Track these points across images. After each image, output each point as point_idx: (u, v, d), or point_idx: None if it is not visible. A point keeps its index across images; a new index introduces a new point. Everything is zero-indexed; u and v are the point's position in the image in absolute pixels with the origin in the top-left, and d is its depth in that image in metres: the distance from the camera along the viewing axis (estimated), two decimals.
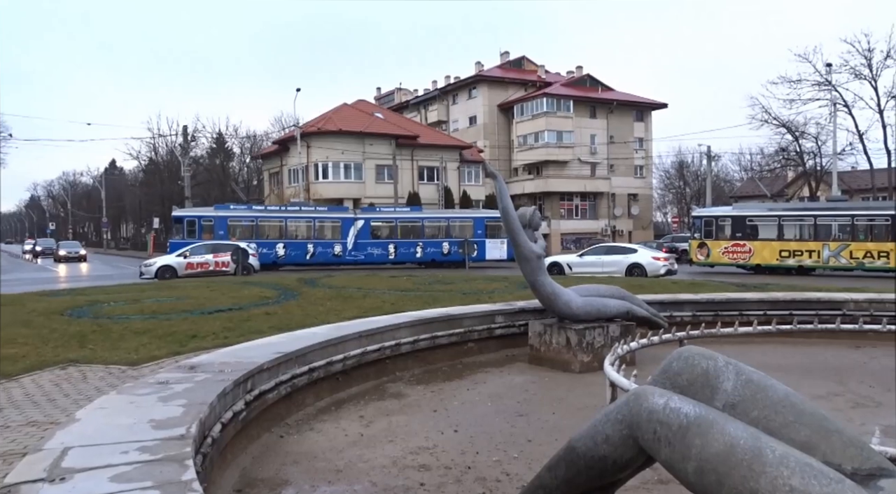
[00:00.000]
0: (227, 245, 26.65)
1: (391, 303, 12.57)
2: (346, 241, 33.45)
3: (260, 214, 33.35)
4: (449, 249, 35.11)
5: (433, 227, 35.95)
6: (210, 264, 24.87)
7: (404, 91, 72.26)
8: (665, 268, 24.16)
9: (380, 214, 35.87)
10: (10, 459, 4.29)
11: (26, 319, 10.75)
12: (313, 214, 34.34)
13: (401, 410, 5.60)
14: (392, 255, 34.14)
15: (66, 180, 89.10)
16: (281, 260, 32.25)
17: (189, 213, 32.95)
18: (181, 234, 31.48)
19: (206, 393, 4.17)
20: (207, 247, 26.05)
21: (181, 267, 24.47)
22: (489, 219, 36.94)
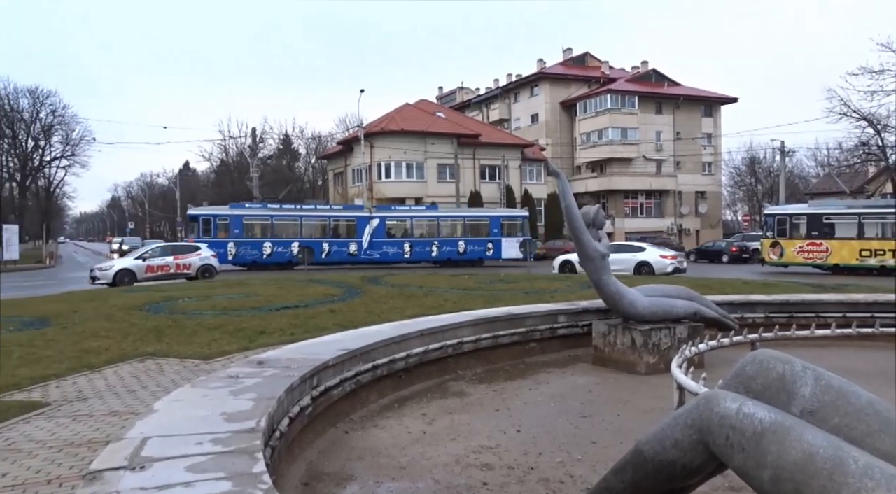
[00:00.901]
0: (188, 246, 25.52)
1: (453, 302, 12.61)
2: (362, 240, 33.20)
3: (275, 213, 32.97)
4: (465, 248, 34.75)
5: (449, 226, 35.70)
6: (170, 267, 23.16)
7: (466, 90, 72.36)
8: (672, 267, 24.03)
9: (395, 213, 35.76)
10: (94, 446, 4.52)
11: (108, 314, 11.31)
12: (328, 213, 34.36)
13: (463, 409, 5.61)
14: (407, 254, 33.86)
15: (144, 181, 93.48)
16: (296, 258, 31.99)
17: (205, 212, 32.62)
18: (196, 233, 31.22)
19: (275, 387, 4.29)
20: (167, 249, 24.55)
21: (140, 271, 22.49)
22: (505, 218, 36.67)
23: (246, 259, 31.26)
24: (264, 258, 31.36)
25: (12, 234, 37.61)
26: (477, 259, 34.91)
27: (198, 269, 23.35)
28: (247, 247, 31.38)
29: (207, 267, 23.83)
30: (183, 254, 23.86)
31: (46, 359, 7.72)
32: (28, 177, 61.59)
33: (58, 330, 9.87)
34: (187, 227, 33.29)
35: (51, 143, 62.74)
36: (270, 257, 31.52)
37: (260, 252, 31.42)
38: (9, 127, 59.01)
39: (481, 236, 35.41)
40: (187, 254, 23.94)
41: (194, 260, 23.66)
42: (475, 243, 34.99)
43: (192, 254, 24.02)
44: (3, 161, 60.64)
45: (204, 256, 24.19)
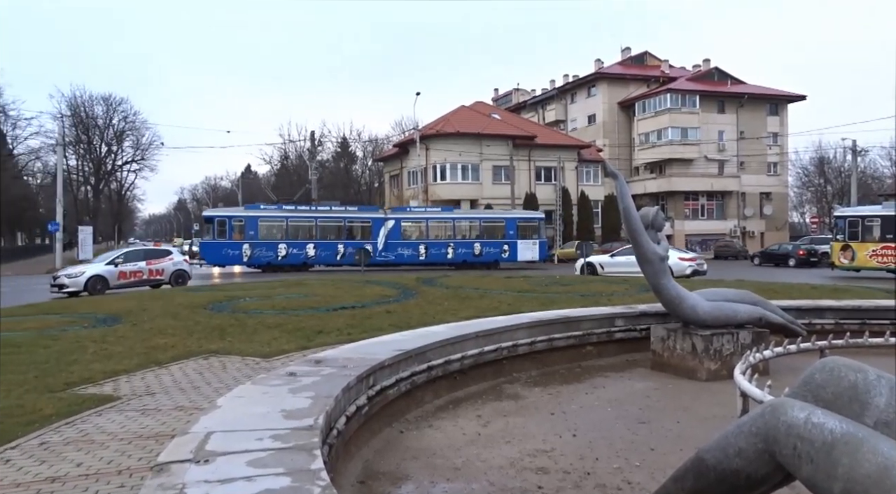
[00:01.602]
0: (160, 250, 24.09)
1: (508, 304, 12.57)
2: (377, 242, 32.99)
3: (290, 214, 32.79)
4: (481, 250, 34.42)
5: (464, 228, 35.40)
6: (143, 273, 21.46)
7: (522, 91, 72.01)
8: (691, 269, 23.98)
9: (410, 214, 35.43)
10: (161, 440, 4.69)
11: (174, 312, 11.74)
12: (343, 214, 34.02)
13: (518, 411, 5.58)
14: (423, 256, 33.60)
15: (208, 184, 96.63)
16: (311, 260, 32.06)
17: (220, 213, 32.51)
18: (211, 235, 31.23)
19: (332, 386, 4.36)
20: (139, 253, 22.88)
21: (113, 277, 20.76)
22: (521, 220, 36.20)
23: (261, 260, 31.17)
24: (279, 259, 31.24)
25: (87, 235, 39.46)
26: (493, 261, 34.59)
27: (171, 275, 21.94)
28: (262, 248, 31.21)
29: (180, 273, 22.30)
30: (155, 259, 22.14)
31: (117, 355, 8.07)
32: (101, 180, 64.56)
33: (128, 327, 10.31)
34: (203, 228, 33.33)
35: (122, 148, 65.74)
36: (285, 258, 31.37)
37: (275, 253, 31.25)
38: (84, 133, 62.05)
39: (497, 238, 35.15)
40: (160, 259, 22.29)
41: (167, 266, 22.08)
42: (491, 245, 34.70)
43: (164, 259, 22.39)
44: (79, 165, 63.82)
45: (176, 261, 22.76)
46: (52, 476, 4.04)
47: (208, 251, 31.30)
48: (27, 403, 5.81)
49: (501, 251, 34.69)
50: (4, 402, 5.85)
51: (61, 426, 5.16)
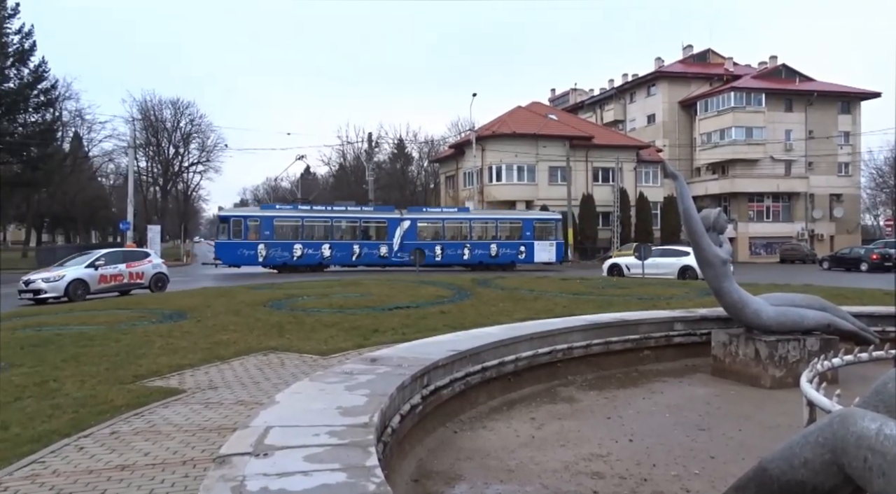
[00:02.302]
0: (138, 252, 22.40)
1: (563, 306, 12.44)
2: (392, 242, 32.69)
3: (306, 214, 32.46)
4: (497, 251, 34.02)
5: (481, 229, 34.91)
6: (124, 276, 19.98)
7: (579, 91, 71.20)
8: None
9: (426, 215, 35.09)
10: (223, 432, 4.84)
11: (236, 309, 12.09)
12: (359, 214, 33.73)
13: (573, 415, 5.52)
14: (438, 257, 33.28)
15: (269, 185, 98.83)
16: (327, 260, 31.80)
17: (235, 213, 32.25)
18: (227, 235, 30.86)
19: (387, 385, 4.41)
20: (118, 255, 20.94)
21: (93, 281, 19.19)
22: (537, 221, 35.64)
23: (276, 261, 31.00)
24: (294, 260, 31.09)
25: (155, 234, 41.01)
26: (509, 262, 34.22)
27: (150, 279, 20.78)
28: (277, 248, 31.02)
29: (160, 277, 21.13)
30: (135, 262, 20.74)
31: (183, 350, 8.37)
32: (169, 181, 67.03)
33: (193, 323, 10.67)
34: (218, 228, 32.98)
35: (189, 150, 68.02)
36: (301, 259, 31.20)
37: (290, 253, 31.09)
38: (154, 136, 64.56)
39: (513, 239, 34.74)
40: (139, 262, 20.87)
41: (147, 269, 20.81)
42: (507, 246, 34.32)
43: (143, 261, 21.00)
44: (149, 167, 66.41)
45: (156, 263, 21.40)
46: (121, 465, 4.22)
47: (224, 251, 30.92)
48: (99, 394, 6.09)
49: (518, 252, 34.38)
50: (79, 392, 6.15)
51: (130, 416, 5.39)
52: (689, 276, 23.73)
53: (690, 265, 23.85)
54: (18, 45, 45.99)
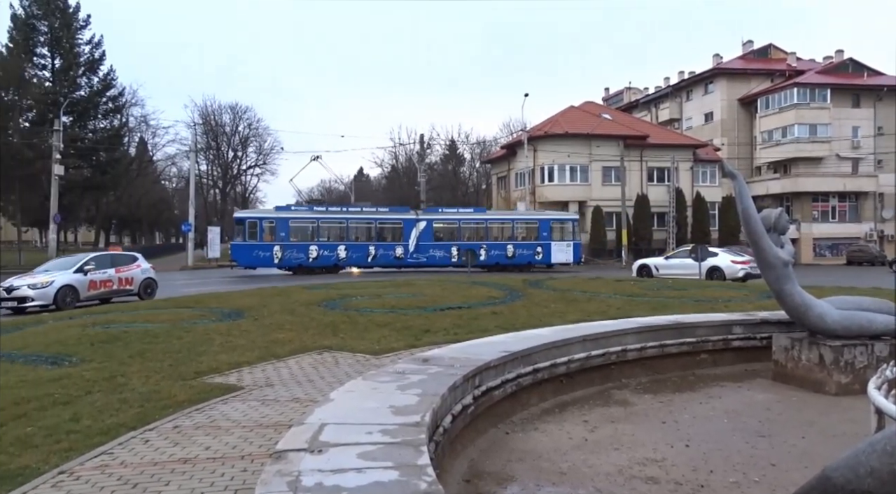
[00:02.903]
0: (126, 256, 20.65)
1: (617, 308, 12.26)
2: (408, 243, 32.28)
3: (321, 215, 32.29)
4: (514, 252, 33.55)
5: (497, 229, 34.41)
6: (113, 281, 18.56)
7: (634, 90, 70.01)
8: (744, 272, 23.69)
9: (442, 215, 34.62)
10: (279, 429, 4.96)
11: (292, 309, 12.35)
12: (374, 215, 33.41)
13: (626, 418, 5.43)
14: (455, 258, 32.73)
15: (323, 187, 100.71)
16: (342, 262, 31.47)
17: (251, 215, 32.04)
18: (242, 236, 30.57)
19: (439, 385, 4.44)
20: (106, 259, 19.29)
21: (83, 287, 17.71)
22: (554, 221, 34.98)
23: (292, 262, 30.75)
24: (310, 261, 30.81)
25: (215, 235, 42.31)
26: (526, 263, 33.69)
27: (140, 285, 19.39)
28: (293, 250, 30.78)
29: (149, 282, 19.79)
30: (124, 266, 19.26)
31: (241, 348, 8.61)
32: (228, 184, 69.10)
33: (250, 321, 10.96)
34: (234, 230, 32.85)
35: (247, 153, 70.08)
36: (316, 260, 30.95)
37: (306, 255, 30.85)
38: (213, 140, 66.72)
39: (530, 240, 34.27)
40: (128, 266, 19.41)
41: (136, 274, 19.46)
42: (524, 247, 33.83)
43: (132, 266, 19.57)
44: (209, 170, 68.66)
45: (145, 268, 20.02)
46: (183, 458, 4.38)
47: (239, 253, 30.81)
48: (163, 389, 6.33)
49: (535, 253, 33.94)
50: (144, 388, 6.40)
51: (192, 411, 5.58)
52: (717, 277, 23.80)
53: (718, 266, 24.45)
54: (89, 55, 48.15)
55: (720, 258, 25.14)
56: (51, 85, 46.40)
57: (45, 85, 46.28)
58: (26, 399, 5.97)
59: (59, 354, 8.13)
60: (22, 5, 46.12)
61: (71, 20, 47.18)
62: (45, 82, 46.76)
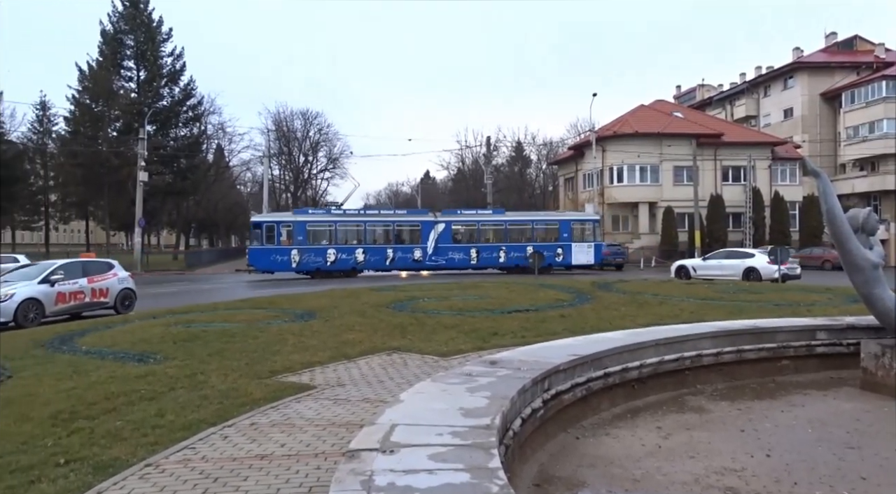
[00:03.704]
0: (101, 263, 17.91)
1: (690, 312, 11.90)
2: (427, 246, 31.82)
3: (339, 218, 31.92)
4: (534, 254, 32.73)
5: (517, 231, 33.62)
6: (85, 293, 16.18)
7: (707, 87, 67.83)
8: (780, 272, 23.43)
9: (461, 217, 33.99)
10: (351, 428, 5.06)
11: (361, 310, 12.57)
12: (392, 218, 33.00)
13: (702, 425, 5.26)
14: (474, 260, 32.30)
15: (391, 190, 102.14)
16: (360, 265, 31.11)
17: (268, 219, 31.57)
18: (260, 240, 30.38)
19: (508, 388, 4.42)
20: (77, 267, 16.69)
21: (50, 301, 15.31)
22: (575, 222, 34.13)
23: (309, 266, 30.55)
24: (328, 265, 30.64)
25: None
26: (546, 265, 32.55)
27: (116, 296, 16.97)
28: (310, 254, 30.60)
29: (127, 294, 17.39)
30: (98, 276, 16.80)
31: (313, 348, 8.82)
32: (299, 188, 70.98)
33: (321, 322, 11.22)
34: (251, 234, 32.75)
35: (317, 158, 71.75)
36: (334, 264, 30.74)
37: (324, 259, 30.66)
38: (285, 145, 68.69)
39: (550, 241, 33.49)
40: (102, 275, 16.94)
41: (112, 284, 17.02)
42: (544, 248, 32.87)
43: (107, 275, 17.11)
44: (281, 175, 70.72)
45: (122, 277, 17.56)
46: (260, 454, 4.52)
47: (256, 257, 30.65)
48: (240, 387, 6.56)
49: (555, 254, 33.30)
50: (223, 385, 6.65)
51: (267, 409, 5.76)
52: (754, 278, 23.84)
53: (754, 267, 24.52)
54: (171, 67, 50.49)
55: (756, 259, 25.14)
56: (136, 96, 48.90)
57: (131, 96, 48.82)
58: (115, 394, 6.31)
59: (144, 352, 8.55)
60: (111, 21, 48.84)
61: (155, 34, 49.62)
62: (131, 93, 49.33)
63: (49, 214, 61.03)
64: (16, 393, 6.47)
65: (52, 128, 58.52)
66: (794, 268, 24.82)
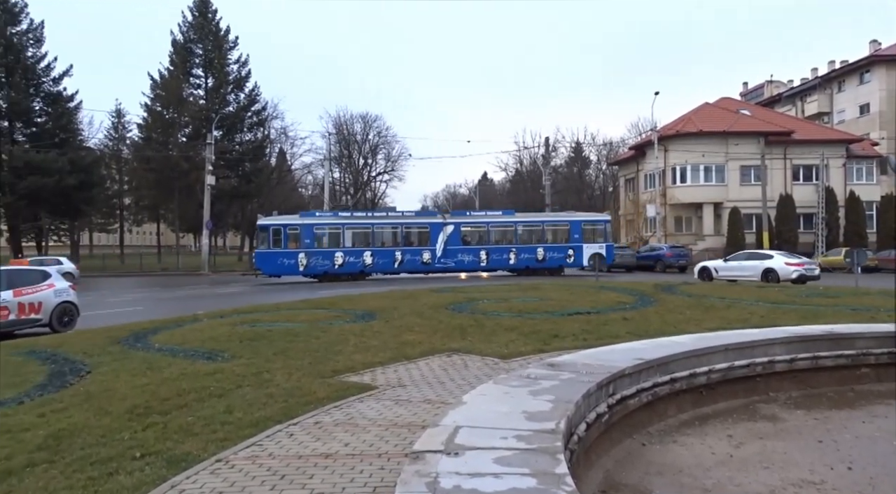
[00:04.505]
0: (37, 273, 14.91)
1: (760, 316, 11.47)
2: (435, 248, 31.16)
3: (346, 221, 31.62)
4: (544, 255, 32.00)
5: (527, 232, 32.79)
6: (10, 310, 13.11)
7: (776, 83, 65.41)
8: (797, 273, 24.01)
9: (470, 219, 33.41)
10: (413, 429, 5.07)
11: (420, 311, 12.63)
12: (401, 220, 32.30)
13: (776, 435, 5.05)
14: (484, 262, 31.58)
15: (448, 191, 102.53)
16: (368, 268, 30.65)
17: (274, 221, 30.89)
18: (266, 244, 30.00)
19: (572, 391, 4.35)
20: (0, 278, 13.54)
21: None
22: (586, 223, 33.21)
23: (317, 270, 30.15)
24: (336, 268, 30.23)
25: None
26: (557, 266, 32.14)
27: (52, 312, 13.91)
28: (318, 257, 30.17)
29: (66, 308, 14.29)
30: (28, 287, 13.72)
31: (374, 348, 8.91)
32: (359, 190, 72.02)
33: (382, 323, 11.33)
34: (257, 237, 32.20)
35: (376, 161, 72.68)
36: (342, 267, 30.34)
37: (332, 262, 30.24)
38: (345, 148, 69.87)
39: (561, 242, 32.62)
40: (34, 287, 13.83)
41: (45, 297, 13.88)
42: (555, 250, 32.26)
43: (40, 287, 13.95)
44: (341, 177, 71.97)
45: (60, 289, 14.41)
46: (325, 453, 4.58)
47: (263, 261, 30.27)
48: (304, 386, 6.68)
49: (566, 256, 32.47)
50: (287, 384, 6.79)
51: (331, 408, 5.84)
52: (772, 279, 24.05)
53: (773, 268, 24.68)
54: (237, 74, 52.09)
55: (775, 260, 25.40)
56: (204, 102, 50.64)
57: (199, 102, 50.59)
58: (186, 390, 6.52)
59: (213, 350, 8.82)
60: (181, 31, 50.78)
61: (222, 42, 51.28)
62: (200, 100, 51.11)
63: (123, 217, 63.89)
64: (95, 388, 6.77)
65: (126, 135, 61.26)
66: (813, 269, 24.93)
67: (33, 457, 4.63)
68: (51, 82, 46.51)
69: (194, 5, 50.61)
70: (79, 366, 7.97)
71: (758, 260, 25.87)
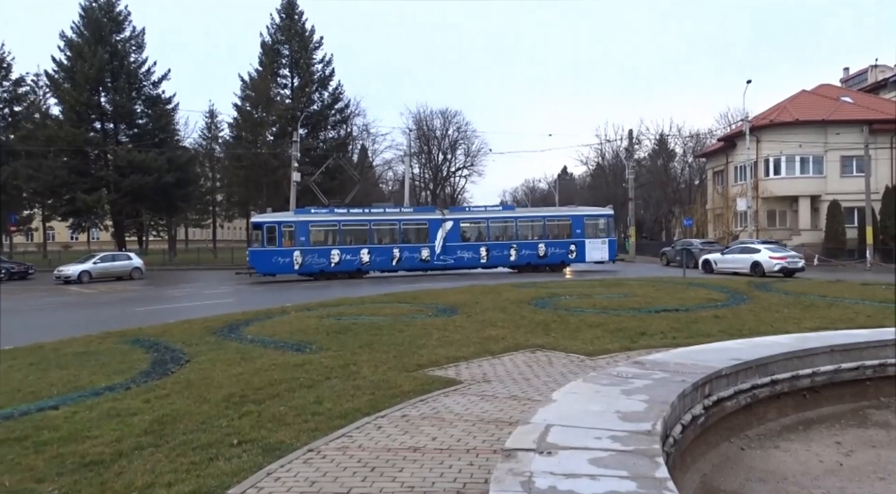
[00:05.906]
0: None
1: (866, 315, 10.78)
2: (434, 245, 30.14)
3: (343, 218, 30.40)
4: (546, 251, 30.72)
5: (527, 228, 31.30)
6: None
7: (882, 67, 60.94)
8: (779, 266, 25.04)
9: (469, 214, 32.21)
10: (500, 425, 5.05)
11: (502, 306, 12.58)
12: (398, 216, 31.28)
13: (891, 443, 4.71)
14: (484, 259, 30.41)
15: (527, 186, 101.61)
16: (366, 266, 29.74)
17: (269, 219, 30.11)
18: (261, 242, 29.33)
19: (666, 392, 4.20)
20: None
21: None
22: (588, 218, 31.61)
23: (313, 268, 29.41)
24: (332, 266, 29.50)
25: None
26: (559, 263, 30.77)
27: None
28: (313, 255, 29.39)
29: None
30: None
31: (457, 343, 8.94)
32: (438, 185, 72.56)
33: (464, 318, 11.36)
34: (251, 236, 31.19)
35: (455, 156, 72.98)
36: (339, 265, 29.59)
37: (328, 260, 29.48)
38: (425, 144, 70.52)
39: (563, 238, 31.21)
40: None
41: None
42: (556, 245, 30.90)
43: None
44: (421, 173, 72.67)
45: None
46: (413, 446, 4.62)
47: (257, 259, 29.51)
48: (390, 379, 6.78)
49: (568, 252, 31.06)
50: (374, 376, 6.91)
51: (416, 402, 5.89)
52: (758, 272, 25.02)
53: (759, 261, 25.68)
54: (321, 73, 53.53)
55: (761, 254, 26.22)
56: (290, 102, 52.27)
57: (286, 102, 52.27)
58: (278, 381, 6.74)
59: (301, 342, 9.10)
60: (269, 33, 52.61)
61: (308, 43, 52.74)
62: (286, 100, 52.80)
63: (216, 212, 66.92)
64: (194, 376, 7.11)
65: (218, 134, 64.06)
66: (796, 262, 25.59)
67: (140, 441, 4.90)
68: (151, 86, 49.21)
69: (282, 7, 52.29)
70: (179, 355, 8.40)
71: (748, 254, 26.83)
